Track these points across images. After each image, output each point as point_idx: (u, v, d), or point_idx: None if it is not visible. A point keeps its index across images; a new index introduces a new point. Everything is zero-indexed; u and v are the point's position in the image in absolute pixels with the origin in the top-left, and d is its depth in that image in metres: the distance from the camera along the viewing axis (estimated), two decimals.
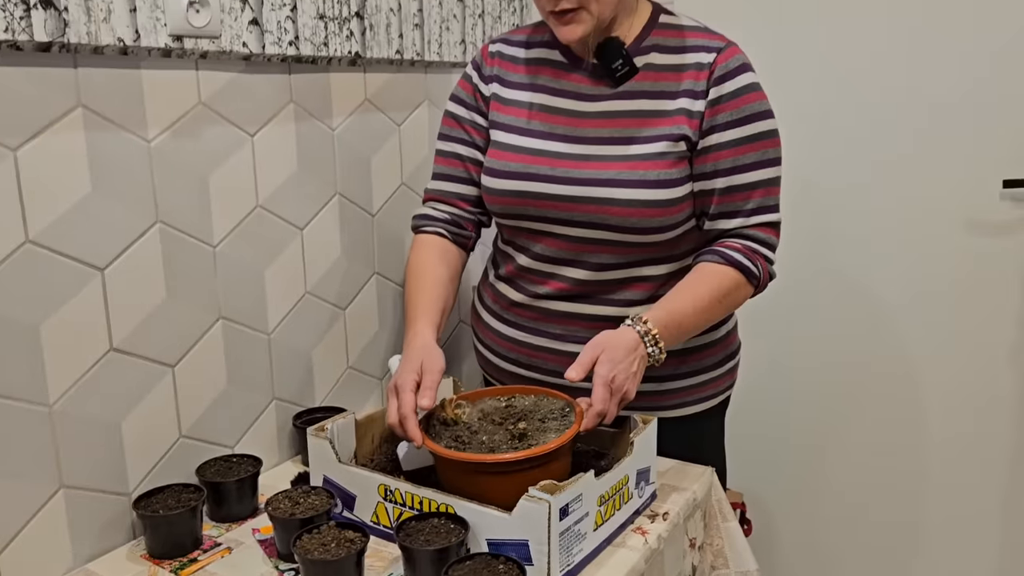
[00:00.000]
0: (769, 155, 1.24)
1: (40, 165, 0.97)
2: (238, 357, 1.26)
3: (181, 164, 1.14)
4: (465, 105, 1.37)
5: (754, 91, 1.23)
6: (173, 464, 1.18)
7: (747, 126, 1.22)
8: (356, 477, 1.13)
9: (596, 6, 1.19)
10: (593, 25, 1.21)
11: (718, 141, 1.22)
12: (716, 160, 1.22)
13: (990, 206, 1.88)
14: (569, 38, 1.23)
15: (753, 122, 1.22)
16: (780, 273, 1.32)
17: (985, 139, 1.85)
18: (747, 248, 1.24)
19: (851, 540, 2.19)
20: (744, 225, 1.25)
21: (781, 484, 2.26)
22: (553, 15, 1.22)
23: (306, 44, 1.28)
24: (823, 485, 2.19)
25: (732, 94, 1.22)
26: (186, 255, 1.16)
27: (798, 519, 2.24)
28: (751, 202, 1.24)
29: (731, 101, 1.21)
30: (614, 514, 1.09)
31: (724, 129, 1.21)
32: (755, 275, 1.24)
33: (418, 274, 1.31)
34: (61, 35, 0.96)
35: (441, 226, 1.36)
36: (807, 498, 2.22)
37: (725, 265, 1.22)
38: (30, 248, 0.97)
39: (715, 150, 1.22)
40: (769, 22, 1.97)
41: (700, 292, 1.22)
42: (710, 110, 1.22)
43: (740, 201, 1.24)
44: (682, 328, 1.21)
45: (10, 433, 0.97)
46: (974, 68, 1.84)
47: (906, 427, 2.07)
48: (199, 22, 1.11)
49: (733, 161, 1.22)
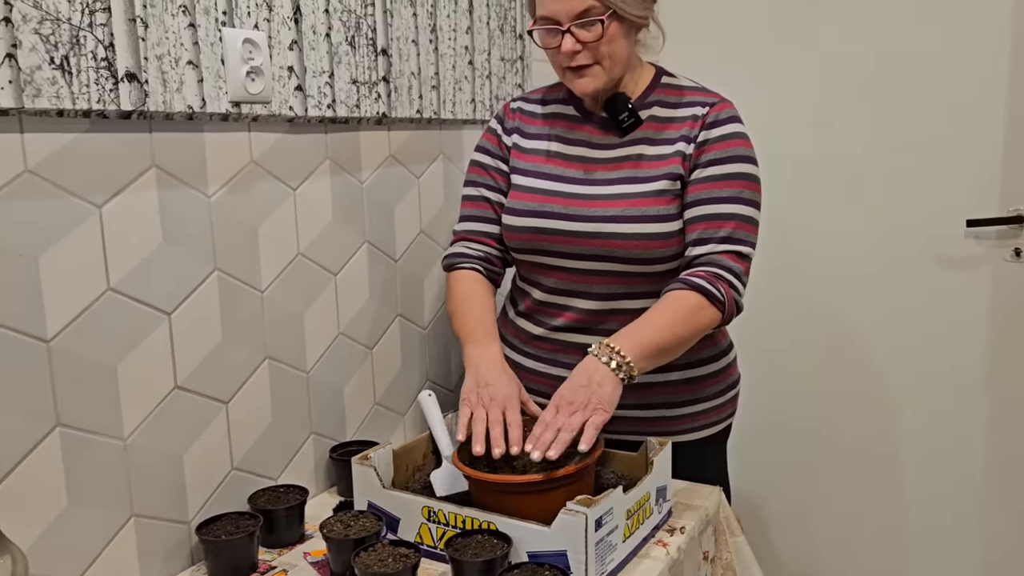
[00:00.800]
0: (745, 195, 1.34)
1: (120, 220, 1.08)
2: (282, 394, 1.36)
3: (235, 217, 1.25)
4: (490, 154, 1.51)
5: (740, 138, 1.37)
6: (226, 494, 1.27)
7: (727, 165, 1.34)
8: (400, 501, 1.22)
9: (608, 62, 1.33)
10: (605, 80, 1.35)
11: (698, 176, 1.35)
12: (696, 191, 1.35)
13: (955, 244, 2.04)
14: (584, 90, 1.37)
15: (734, 163, 1.35)
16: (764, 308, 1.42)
17: (949, 183, 2.03)
18: (710, 274, 1.31)
19: (840, 552, 2.30)
20: (713, 251, 1.32)
21: (774, 502, 2.37)
22: (570, 70, 1.35)
23: (341, 106, 1.41)
24: (811, 503, 2.31)
25: (718, 138, 1.35)
26: (239, 300, 1.27)
27: (790, 533, 2.36)
28: (722, 231, 1.33)
29: (717, 144, 1.35)
30: (639, 527, 1.20)
31: (706, 166, 1.35)
32: (717, 298, 1.29)
33: (470, 300, 1.42)
34: (142, 104, 1.07)
35: (476, 263, 1.48)
36: (798, 513, 2.34)
37: (685, 289, 1.29)
38: (111, 295, 1.07)
39: (695, 183, 1.35)
40: (757, 81, 2.14)
41: (660, 316, 1.28)
42: (697, 151, 1.36)
43: (712, 229, 1.33)
44: (644, 344, 1.24)
45: (92, 465, 1.06)
46: (936, 120, 2.02)
47: (884, 455, 2.20)
48: (255, 89, 1.23)
49: (709, 193, 1.34)
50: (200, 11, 1.15)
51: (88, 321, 1.05)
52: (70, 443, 1.03)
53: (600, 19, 1.28)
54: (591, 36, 1.30)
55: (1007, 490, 2.07)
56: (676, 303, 1.29)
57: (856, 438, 2.23)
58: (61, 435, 1.02)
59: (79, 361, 1.04)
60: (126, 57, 1.05)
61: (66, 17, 0.98)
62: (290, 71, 1.30)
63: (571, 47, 1.30)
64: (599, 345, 1.24)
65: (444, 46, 1.66)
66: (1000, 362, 2.03)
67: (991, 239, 2.00)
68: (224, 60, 1.19)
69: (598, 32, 1.29)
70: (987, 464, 2.08)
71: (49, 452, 1.01)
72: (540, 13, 1.33)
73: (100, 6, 1.01)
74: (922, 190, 2.05)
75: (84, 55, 1.00)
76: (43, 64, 0.96)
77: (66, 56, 0.98)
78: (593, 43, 1.30)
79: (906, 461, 2.18)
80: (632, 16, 1.31)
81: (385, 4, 1.49)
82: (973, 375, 2.06)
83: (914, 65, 2.02)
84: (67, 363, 1.02)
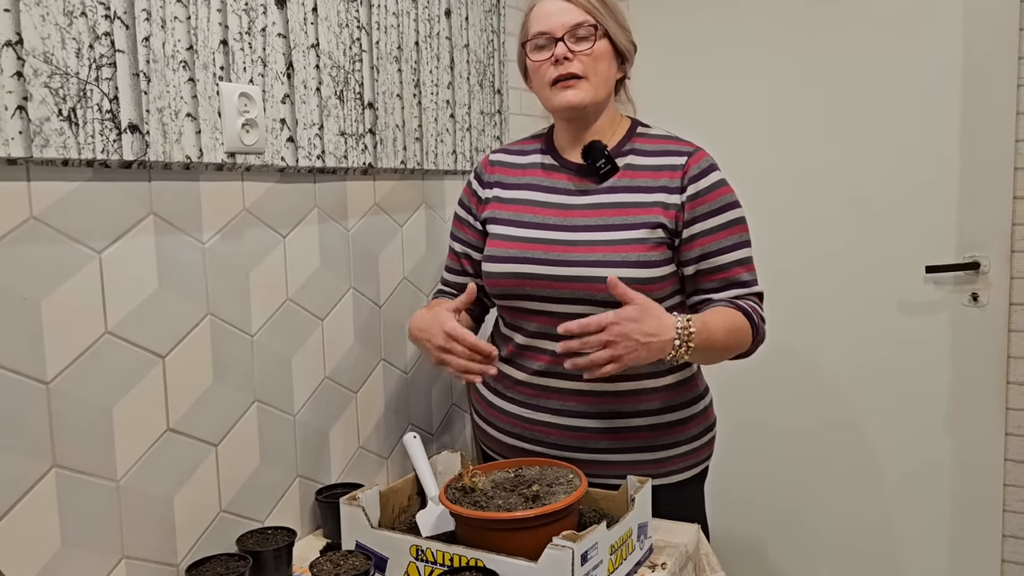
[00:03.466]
0: (744, 237, 1.45)
1: (119, 265, 1.11)
2: (269, 437, 1.38)
3: (228, 263, 1.29)
4: (467, 209, 1.59)
5: (724, 186, 1.45)
6: (215, 536, 1.28)
7: (723, 215, 1.43)
8: (388, 540, 1.25)
9: (595, 79, 1.42)
10: (591, 96, 1.42)
11: (701, 229, 1.42)
12: (702, 245, 1.42)
13: (915, 289, 2.13)
14: (569, 102, 1.42)
15: (728, 211, 1.43)
16: None
17: (908, 232, 2.12)
18: (749, 305, 1.42)
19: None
20: (740, 295, 1.43)
21: (748, 540, 2.40)
22: (557, 84, 1.43)
23: (330, 157, 1.46)
24: (781, 535, 2.35)
25: (707, 189, 1.43)
26: (230, 344, 1.30)
27: (764, 570, 2.38)
28: (739, 277, 1.43)
29: (707, 195, 1.42)
30: (622, 563, 1.24)
31: (705, 219, 1.42)
32: (756, 325, 1.41)
33: (431, 305, 1.54)
34: (144, 154, 1.12)
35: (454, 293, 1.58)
36: (766, 543, 2.37)
37: (735, 309, 1.40)
38: (108, 338, 1.10)
39: (699, 237, 1.42)
40: (731, 133, 2.24)
41: (727, 316, 1.38)
42: (690, 204, 1.42)
43: (730, 276, 1.43)
44: (712, 339, 1.32)
45: (86, 507, 1.08)
46: (894, 172, 2.13)
47: (852, 496, 2.25)
48: (249, 140, 1.28)
49: (717, 244, 1.42)
50: (199, 66, 1.20)
51: (86, 363, 1.07)
52: (65, 484, 1.05)
53: (592, 31, 1.40)
54: (583, 47, 1.40)
55: (973, 528, 2.12)
56: (734, 315, 1.38)
57: (825, 478, 2.29)
58: (57, 476, 1.04)
59: (77, 403, 1.06)
60: (129, 109, 1.09)
61: (74, 71, 1.03)
62: (282, 123, 1.36)
63: (562, 52, 1.40)
64: (685, 321, 1.29)
65: (427, 100, 1.73)
66: (959, 405, 2.10)
67: (950, 284, 2.10)
68: (221, 113, 1.24)
69: (590, 44, 1.40)
70: (954, 504, 2.14)
71: (45, 493, 1.03)
72: (536, 29, 1.43)
73: (106, 61, 1.06)
74: (883, 238, 2.15)
75: (90, 107, 1.04)
76: (52, 116, 1.00)
77: (73, 108, 1.03)
78: (583, 55, 1.40)
79: (873, 502, 2.23)
80: (618, 40, 1.43)
81: (372, 60, 1.56)
82: (935, 418, 2.13)
83: (873, 122, 2.13)
84: (65, 404, 1.05)
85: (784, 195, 2.26)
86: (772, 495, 2.36)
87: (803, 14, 2.21)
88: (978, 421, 2.09)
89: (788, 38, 2.23)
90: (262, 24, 1.31)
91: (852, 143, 2.16)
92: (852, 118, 2.16)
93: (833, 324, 2.23)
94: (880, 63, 2.11)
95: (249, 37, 1.29)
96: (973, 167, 2.04)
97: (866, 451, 2.23)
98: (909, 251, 2.12)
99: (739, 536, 2.41)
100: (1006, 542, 2.10)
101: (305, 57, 1.40)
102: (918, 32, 2.07)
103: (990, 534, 2.11)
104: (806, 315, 2.26)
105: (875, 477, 2.23)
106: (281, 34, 1.35)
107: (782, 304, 2.28)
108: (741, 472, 2.37)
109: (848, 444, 2.25)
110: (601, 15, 1.41)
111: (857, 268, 2.19)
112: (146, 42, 1.12)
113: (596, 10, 1.41)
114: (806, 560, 2.33)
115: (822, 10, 2.18)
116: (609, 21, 1.42)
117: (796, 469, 2.32)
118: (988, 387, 2.07)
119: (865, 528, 2.25)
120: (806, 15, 2.20)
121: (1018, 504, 2.07)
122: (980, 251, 2.06)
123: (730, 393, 2.27)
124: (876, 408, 2.20)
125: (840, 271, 2.21)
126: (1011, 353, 2.05)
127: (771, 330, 2.26)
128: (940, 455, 2.14)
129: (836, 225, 2.20)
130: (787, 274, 2.27)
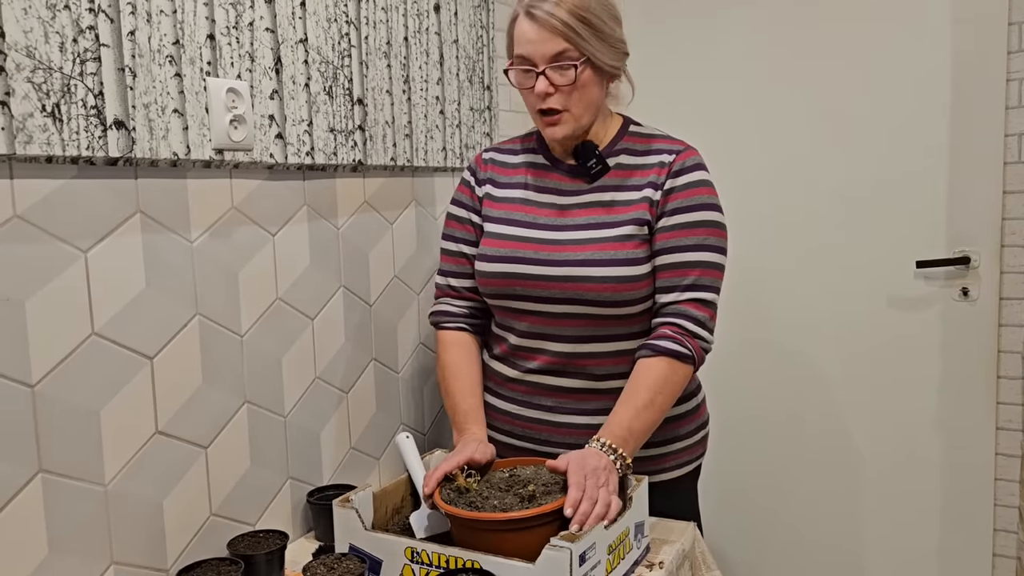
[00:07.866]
0: (710, 242, 1.40)
1: (105, 265, 1.09)
2: (260, 439, 1.36)
3: (216, 262, 1.27)
4: (464, 207, 1.55)
5: (704, 186, 1.42)
6: (205, 541, 1.26)
7: (693, 213, 1.39)
8: (383, 542, 1.23)
9: (577, 110, 1.38)
10: (574, 127, 1.40)
11: (665, 224, 1.40)
12: (663, 240, 1.39)
13: (906, 284, 2.13)
14: (554, 136, 1.41)
15: (699, 211, 1.40)
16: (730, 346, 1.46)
17: (898, 227, 2.12)
18: (677, 330, 1.36)
19: None
20: (678, 300, 1.38)
21: (740, 533, 2.40)
22: (542, 115, 1.40)
23: (319, 154, 1.44)
24: (773, 532, 2.35)
25: (684, 186, 1.40)
26: (219, 344, 1.27)
27: (753, 559, 2.38)
28: (687, 279, 1.38)
29: (682, 192, 1.40)
30: (619, 563, 1.22)
31: (672, 214, 1.39)
32: (686, 355, 1.35)
33: (457, 375, 1.48)
34: (129, 151, 1.09)
35: (462, 320, 1.53)
36: (759, 540, 2.37)
37: (655, 357, 1.35)
38: (95, 340, 1.08)
39: (662, 231, 1.40)
40: (719, 129, 2.23)
41: (640, 395, 1.34)
42: (664, 198, 1.40)
43: (678, 277, 1.38)
44: (634, 431, 1.32)
45: (73, 512, 1.05)
46: (884, 168, 2.12)
47: (843, 492, 2.26)
48: (237, 137, 1.25)
49: (676, 241, 1.39)
50: (186, 61, 1.18)
51: (72, 366, 1.05)
52: (52, 489, 1.03)
53: (574, 64, 1.33)
54: (565, 80, 1.34)
55: (964, 522, 2.13)
56: (649, 375, 1.35)
57: (816, 473, 2.29)
58: (43, 481, 1.02)
59: (63, 406, 1.04)
60: (115, 105, 1.07)
61: (58, 66, 1.00)
62: (271, 119, 1.33)
63: (544, 88, 1.35)
64: (604, 446, 1.29)
65: (416, 96, 1.71)
66: (950, 400, 2.11)
67: (940, 279, 2.10)
68: (208, 108, 1.21)
69: (571, 77, 1.34)
70: (945, 498, 2.14)
71: (31, 498, 1.00)
72: (517, 52, 1.37)
73: (91, 55, 1.04)
74: (874, 233, 2.15)
75: (75, 103, 1.02)
76: (35, 112, 0.98)
77: (57, 104, 1.00)
78: (566, 88, 1.35)
79: (865, 498, 2.24)
80: (605, 65, 1.37)
81: (361, 55, 1.53)
82: (926, 413, 2.14)
83: (862, 118, 2.13)
84: (51, 408, 1.02)
85: (773, 191, 2.25)
86: (762, 491, 2.36)
87: (792, 10, 2.20)
88: (969, 415, 2.10)
89: (776, 34, 2.22)
90: (249, 18, 1.29)
91: (842, 139, 2.16)
92: (841, 114, 2.15)
93: (824, 320, 2.23)
94: (869, 59, 2.11)
95: (236, 31, 1.26)
96: (963, 162, 2.04)
97: (857, 446, 2.23)
98: (899, 246, 2.12)
99: (730, 533, 2.40)
100: (997, 536, 2.10)
101: (293, 52, 1.37)
102: (907, 27, 2.07)
103: (981, 528, 2.11)
104: (797, 311, 2.26)
105: (866, 472, 2.23)
106: (269, 28, 1.32)
107: (772, 301, 2.28)
108: (731, 469, 2.37)
109: (839, 439, 2.25)
110: (582, 40, 1.32)
111: (847, 264, 2.19)
112: (131, 36, 1.09)
113: (576, 36, 1.31)
114: (796, 556, 2.33)
115: (811, 5, 2.17)
116: (592, 43, 1.33)
117: (787, 465, 2.32)
118: (978, 382, 2.08)
119: (856, 522, 2.25)
120: (795, 11, 2.20)
121: (1009, 498, 2.08)
122: (970, 246, 2.06)
123: (720, 390, 2.26)
124: (867, 403, 2.20)
125: (830, 267, 2.21)
126: (1001, 347, 2.05)
127: (763, 327, 2.24)
128: (931, 450, 2.15)
129: (826, 221, 2.20)
130: (777, 271, 2.26)
